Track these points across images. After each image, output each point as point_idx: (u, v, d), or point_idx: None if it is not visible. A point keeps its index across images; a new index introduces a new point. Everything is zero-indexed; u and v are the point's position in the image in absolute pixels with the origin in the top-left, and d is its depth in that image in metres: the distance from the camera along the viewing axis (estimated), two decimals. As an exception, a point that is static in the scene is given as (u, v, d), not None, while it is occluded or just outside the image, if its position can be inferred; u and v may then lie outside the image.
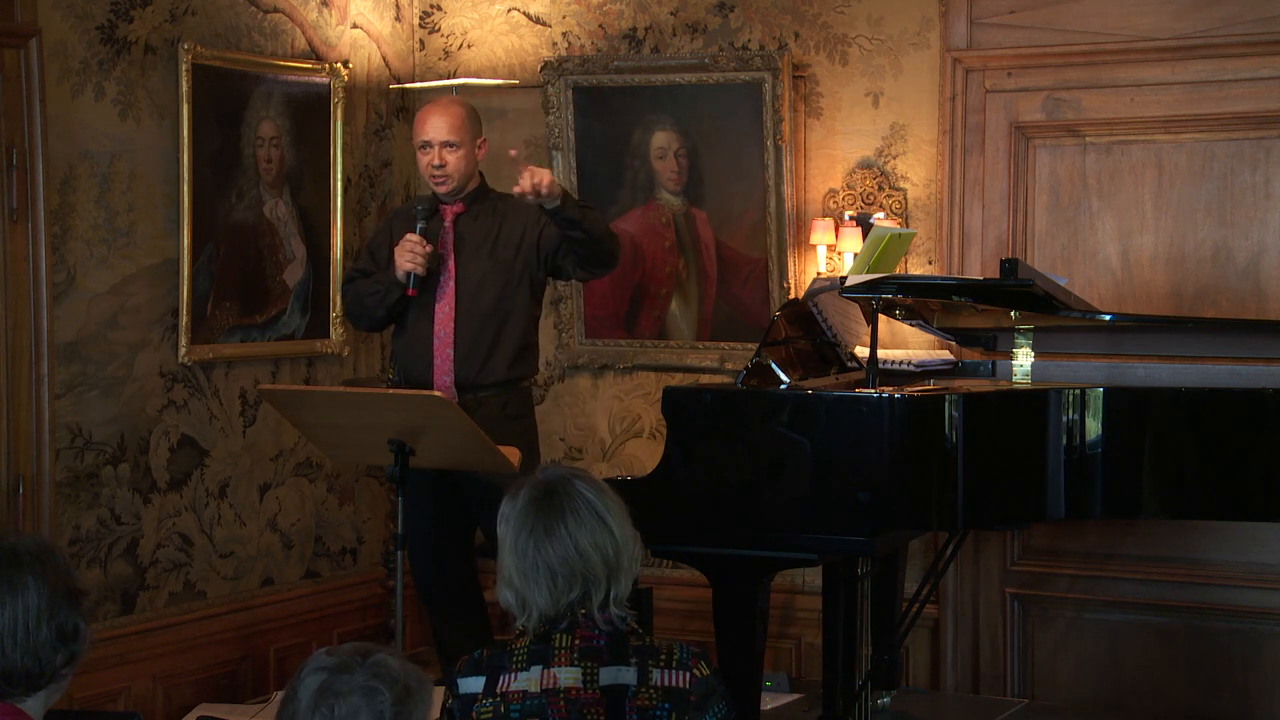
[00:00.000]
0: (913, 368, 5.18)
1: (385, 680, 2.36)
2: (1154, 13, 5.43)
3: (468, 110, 5.24)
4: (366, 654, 2.40)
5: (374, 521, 6.27)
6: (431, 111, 5.21)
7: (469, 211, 5.21)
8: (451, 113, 5.18)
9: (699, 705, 2.96)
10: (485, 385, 5.12)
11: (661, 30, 6.06)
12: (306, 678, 2.39)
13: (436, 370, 5.12)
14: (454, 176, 5.16)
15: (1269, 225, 5.37)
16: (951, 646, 5.74)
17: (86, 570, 5.18)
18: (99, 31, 5.17)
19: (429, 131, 5.16)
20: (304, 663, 2.43)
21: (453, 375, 5.11)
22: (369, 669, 2.37)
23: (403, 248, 5.09)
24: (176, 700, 5.45)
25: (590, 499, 3.02)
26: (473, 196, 5.23)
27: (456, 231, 5.19)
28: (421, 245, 5.08)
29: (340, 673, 2.37)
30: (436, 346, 5.13)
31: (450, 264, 5.15)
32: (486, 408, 5.07)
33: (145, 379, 5.37)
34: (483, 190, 5.27)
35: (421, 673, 2.43)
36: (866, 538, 4.38)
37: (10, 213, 4.90)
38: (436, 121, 5.16)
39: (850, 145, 5.83)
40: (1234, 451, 4.48)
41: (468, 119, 5.20)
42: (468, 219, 5.20)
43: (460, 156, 5.15)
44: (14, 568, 2.61)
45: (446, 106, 5.22)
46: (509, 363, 5.15)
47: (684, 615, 5.83)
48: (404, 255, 5.08)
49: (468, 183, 5.21)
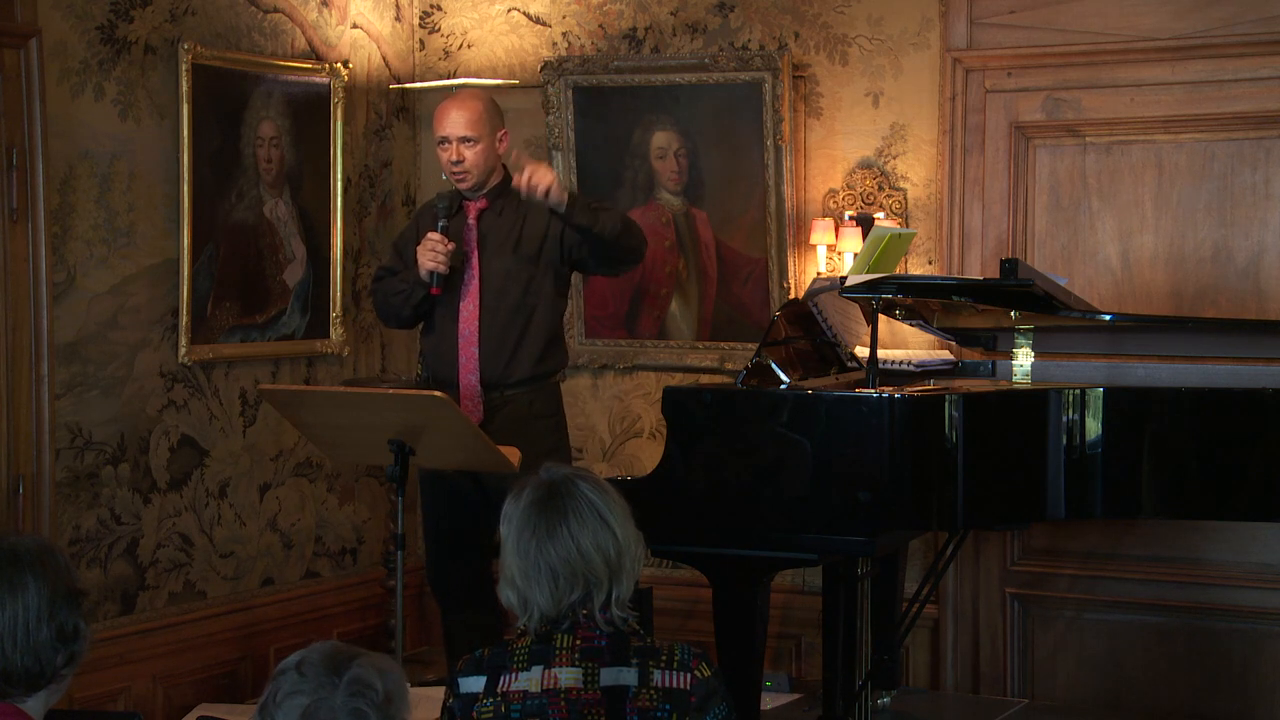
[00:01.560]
0: (913, 368, 5.18)
1: (367, 698, 2.29)
2: (1154, 13, 5.43)
3: (486, 104, 5.14)
4: (339, 668, 2.31)
5: (374, 521, 6.27)
6: (449, 106, 5.11)
7: (492, 207, 5.13)
8: (469, 107, 5.09)
9: (700, 706, 2.96)
10: (511, 383, 5.05)
11: (661, 30, 6.06)
12: (283, 702, 2.30)
13: (462, 369, 5.05)
14: (473, 172, 5.07)
15: (1269, 225, 5.37)
16: (951, 646, 5.74)
17: (86, 570, 5.18)
18: (99, 31, 5.17)
19: (446, 127, 5.07)
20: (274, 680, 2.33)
21: (478, 374, 5.04)
22: (348, 688, 2.28)
23: (424, 247, 5.02)
24: (176, 700, 5.45)
25: (593, 499, 3.02)
26: (496, 191, 5.13)
27: (480, 228, 5.11)
28: (443, 243, 5.01)
29: (320, 695, 2.30)
30: (461, 345, 5.07)
31: (474, 261, 5.08)
32: (513, 406, 5.04)
33: (145, 379, 5.37)
34: (507, 184, 5.14)
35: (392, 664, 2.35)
36: (866, 538, 4.38)
37: (10, 213, 4.90)
38: (454, 117, 5.07)
39: (850, 145, 5.83)
40: (1234, 451, 4.48)
41: (486, 113, 5.09)
42: (491, 215, 5.12)
43: (478, 151, 5.06)
44: (14, 568, 2.61)
45: (464, 101, 5.13)
46: (535, 359, 5.07)
47: (684, 615, 5.83)
48: (425, 254, 5.01)
49: (489, 177, 5.12)
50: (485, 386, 5.05)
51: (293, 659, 2.34)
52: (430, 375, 5.18)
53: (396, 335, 6.39)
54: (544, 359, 5.10)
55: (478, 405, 5.04)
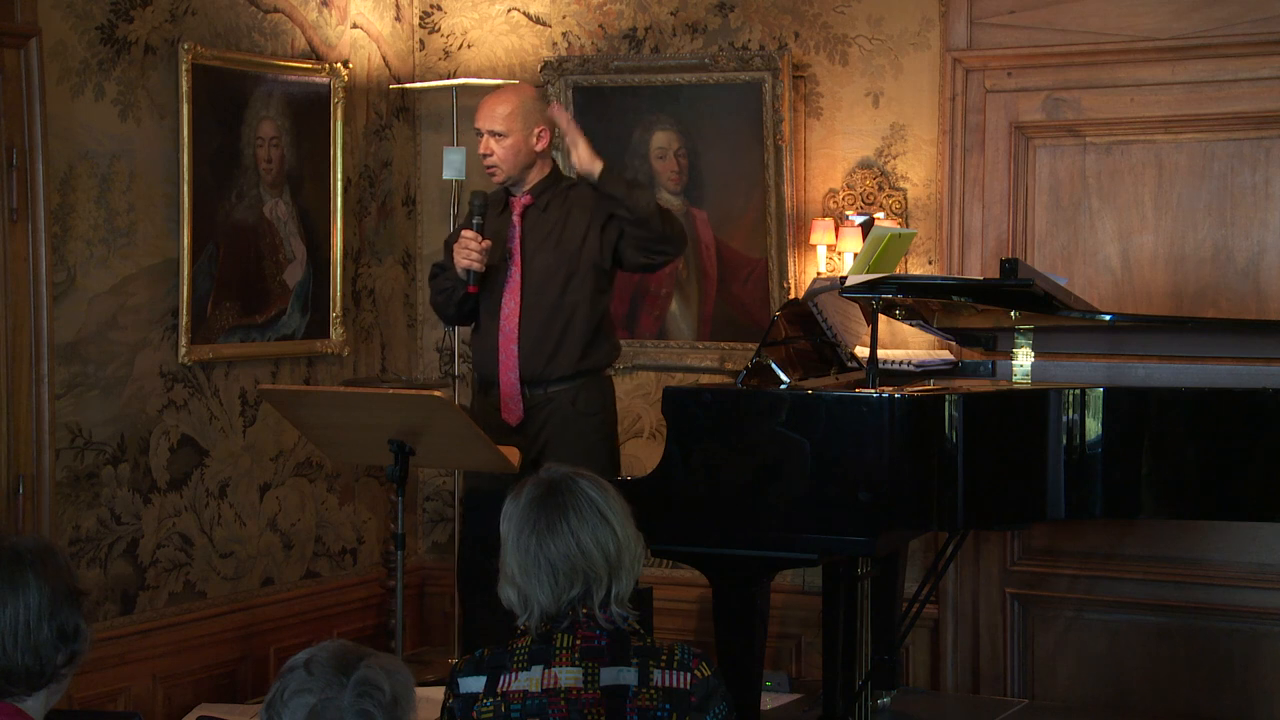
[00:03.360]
0: (913, 368, 5.18)
1: (374, 699, 2.29)
2: (1154, 13, 5.43)
3: (523, 100, 5.05)
4: (347, 668, 2.31)
5: (374, 521, 6.28)
6: (486, 99, 5.06)
7: (536, 203, 5.05)
8: (503, 101, 5.02)
9: (700, 706, 2.96)
10: (554, 379, 4.99)
11: (661, 30, 6.06)
12: (290, 700, 2.30)
13: (502, 365, 5.00)
14: (501, 167, 5.01)
15: (1269, 225, 5.37)
16: (951, 646, 5.74)
17: (86, 570, 5.18)
18: (99, 31, 5.17)
19: (480, 119, 5.02)
20: (281, 678, 2.33)
21: (518, 371, 4.99)
22: (355, 688, 2.28)
23: (459, 245, 4.99)
24: (176, 700, 5.45)
25: (593, 497, 3.02)
26: (540, 187, 5.06)
27: (524, 225, 5.05)
28: (477, 241, 4.96)
29: (327, 694, 2.30)
30: (501, 342, 5.01)
31: (516, 258, 5.02)
32: (557, 403, 4.99)
33: (145, 379, 5.37)
34: (552, 179, 5.09)
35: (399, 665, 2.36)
36: (866, 538, 4.37)
37: (10, 213, 4.90)
38: (487, 109, 5.01)
39: (850, 145, 5.83)
40: (1234, 451, 4.48)
41: (520, 108, 5.00)
42: (535, 210, 5.05)
43: (507, 147, 4.98)
44: (15, 567, 2.61)
45: (500, 95, 5.07)
46: (578, 356, 5.00)
47: (684, 615, 5.83)
48: (460, 253, 4.98)
49: (524, 173, 5.04)
50: (527, 383, 4.99)
51: (301, 657, 2.34)
52: (478, 375, 5.14)
53: (396, 335, 6.39)
54: (587, 355, 5.02)
55: (517, 403, 5.00)
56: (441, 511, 6.50)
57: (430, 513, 6.52)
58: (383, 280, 6.34)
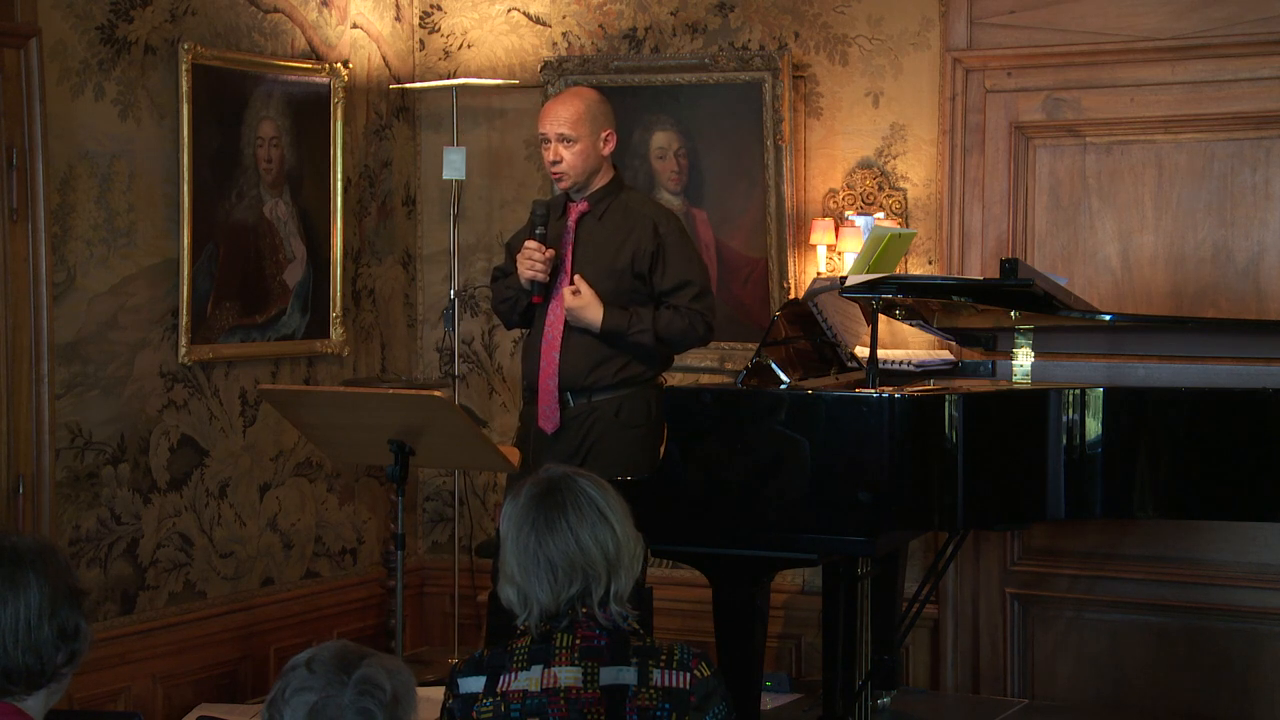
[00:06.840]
0: (913, 368, 5.18)
1: (375, 698, 2.31)
2: (1154, 13, 5.43)
3: (589, 102, 4.95)
4: (349, 666, 2.33)
5: (374, 521, 6.28)
6: (552, 103, 4.98)
7: (593, 211, 4.96)
8: (570, 104, 4.92)
9: (699, 706, 2.96)
10: (597, 388, 4.91)
11: (661, 30, 6.06)
12: (291, 698, 2.31)
13: (542, 372, 4.92)
14: (570, 174, 4.90)
15: (1269, 225, 5.37)
16: (951, 646, 5.74)
17: (86, 570, 5.18)
18: (99, 31, 5.18)
19: (546, 124, 4.90)
20: (283, 676, 2.35)
21: (556, 378, 4.91)
22: (357, 686, 2.30)
23: (523, 256, 4.89)
24: (176, 700, 5.46)
25: (592, 495, 3.02)
26: (600, 194, 4.97)
27: (578, 232, 4.95)
28: (540, 252, 4.87)
29: (328, 692, 2.31)
30: (544, 348, 4.93)
31: (567, 265, 4.94)
32: (600, 413, 4.91)
33: (145, 379, 5.37)
34: (613, 187, 5.00)
35: (400, 665, 2.38)
36: (866, 538, 4.38)
37: (10, 213, 4.90)
38: (553, 114, 4.90)
39: (850, 145, 5.83)
40: (1234, 451, 4.48)
41: (588, 111, 4.91)
42: (591, 219, 4.96)
43: (576, 152, 4.88)
44: (16, 566, 2.61)
45: (566, 98, 4.98)
46: (619, 366, 4.91)
47: (684, 615, 5.83)
48: (524, 264, 4.89)
49: (591, 179, 4.94)
50: (570, 391, 4.91)
51: (303, 656, 2.36)
52: (524, 381, 5.08)
53: (396, 335, 6.39)
54: (631, 364, 4.94)
55: (554, 411, 4.92)
56: (441, 511, 6.50)
57: (430, 513, 6.52)
58: (383, 280, 6.34)
